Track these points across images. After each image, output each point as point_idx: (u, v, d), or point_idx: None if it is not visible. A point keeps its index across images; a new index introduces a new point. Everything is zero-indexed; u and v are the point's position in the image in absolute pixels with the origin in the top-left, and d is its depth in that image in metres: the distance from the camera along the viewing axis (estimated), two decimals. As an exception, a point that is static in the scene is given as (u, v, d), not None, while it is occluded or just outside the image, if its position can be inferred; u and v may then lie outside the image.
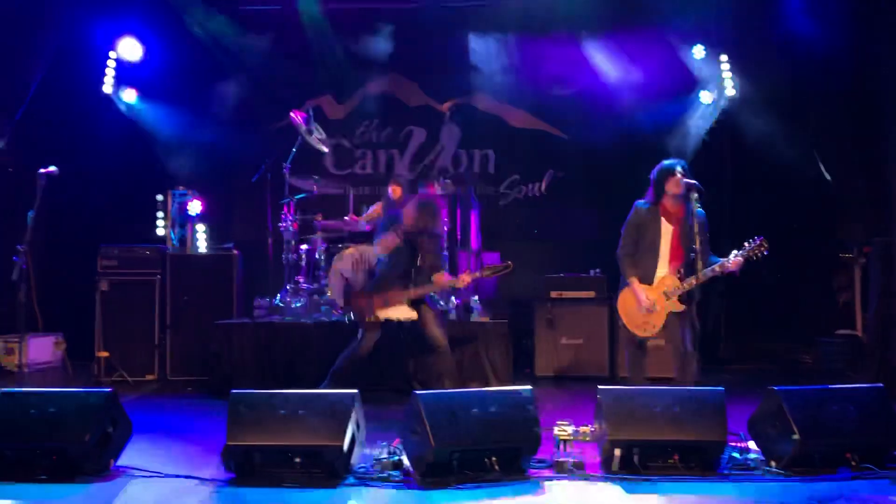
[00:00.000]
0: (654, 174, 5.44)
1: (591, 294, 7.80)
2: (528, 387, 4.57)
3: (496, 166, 9.62)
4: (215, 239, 8.53)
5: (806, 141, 7.06)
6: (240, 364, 7.09)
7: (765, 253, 5.12)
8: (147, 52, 8.76)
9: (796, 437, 4.34)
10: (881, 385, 4.77)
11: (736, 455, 4.62)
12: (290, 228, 7.64)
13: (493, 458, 4.31)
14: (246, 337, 7.16)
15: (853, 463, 4.36)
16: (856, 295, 8.50)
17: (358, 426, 4.53)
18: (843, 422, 4.44)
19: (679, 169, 5.30)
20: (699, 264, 5.13)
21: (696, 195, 5.22)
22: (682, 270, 5.26)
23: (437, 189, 7.83)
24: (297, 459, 4.28)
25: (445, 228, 7.69)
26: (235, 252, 7.98)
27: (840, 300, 8.84)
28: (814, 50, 6.76)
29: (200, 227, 8.51)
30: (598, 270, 7.98)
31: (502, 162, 9.60)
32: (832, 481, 4.23)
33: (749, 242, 5.15)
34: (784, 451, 4.41)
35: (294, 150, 7.74)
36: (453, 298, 7.51)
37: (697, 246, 5.12)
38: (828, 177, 6.81)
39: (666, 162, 5.44)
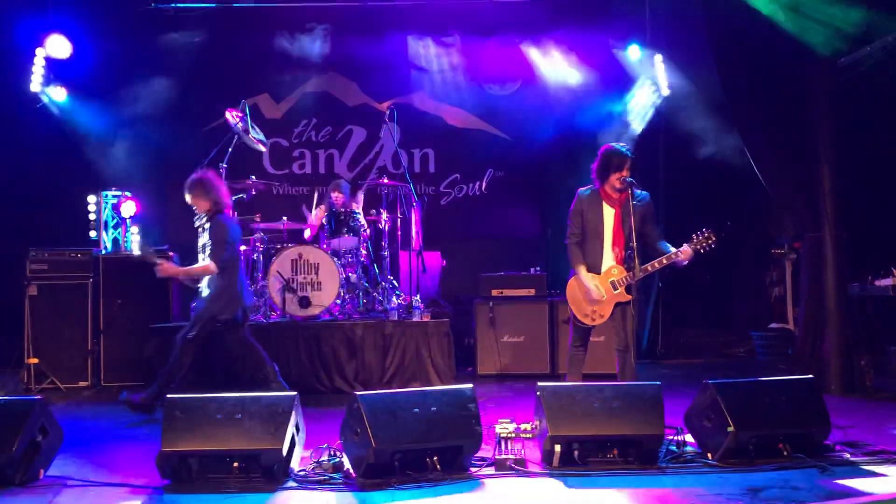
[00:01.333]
0: (601, 156, 5.35)
1: (532, 292, 7.84)
2: (470, 385, 4.56)
3: (436, 165, 9.62)
4: (150, 241, 8.32)
5: (738, 138, 7.20)
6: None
7: (712, 245, 5.20)
8: (77, 50, 8.49)
9: (731, 429, 4.44)
10: (812, 377, 4.90)
11: (674, 448, 4.70)
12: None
13: (435, 458, 4.30)
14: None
15: (785, 453, 4.49)
16: (787, 289, 8.75)
17: (297, 429, 4.47)
18: (776, 413, 4.57)
19: (629, 163, 5.25)
20: (635, 259, 5.17)
21: (634, 189, 5.28)
22: (627, 259, 5.28)
23: (379, 189, 7.80)
24: (235, 464, 4.20)
25: (386, 227, 7.66)
26: (171, 254, 7.77)
27: (772, 294, 9.10)
28: (745, 51, 6.90)
29: (134, 229, 8.31)
30: (538, 268, 8.04)
31: (442, 161, 9.61)
32: (766, 472, 4.33)
33: (697, 234, 5.22)
34: (720, 443, 4.51)
35: (230, 149, 7.59)
36: (395, 298, 7.48)
37: (633, 240, 5.17)
38: (758, 174, 6.97)
39: (614, 146, 5.37)
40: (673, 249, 5.25)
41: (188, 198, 6.01)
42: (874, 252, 7.31)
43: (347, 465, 4.41)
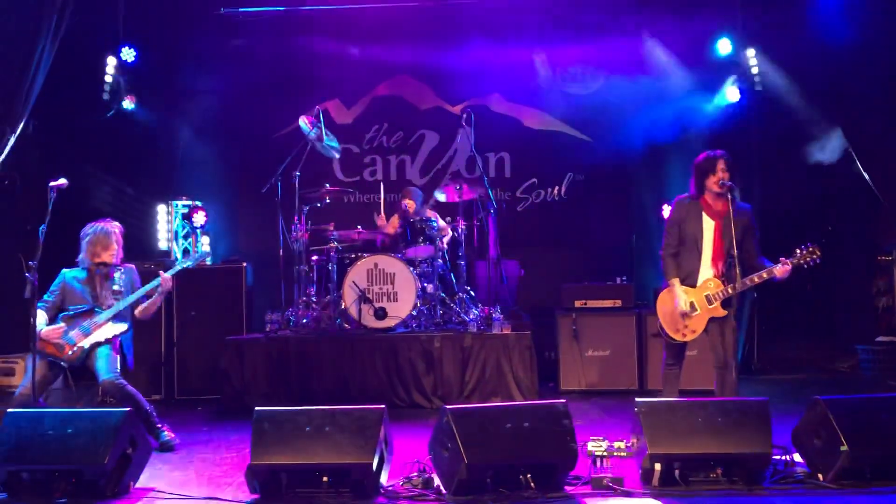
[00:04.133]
0: (694, 167, 5.44)
1: (617, 303, 7.84)
2: (563, 401, 4.63)
3: (512, 170, 9.70)
4: (222, 251, 8.62)
5: (842, 139, 7.10)
6: (252, 381, 7.17)
7: (817, 261, 5.17)
8: (146, 58, 8.87)
9: (844, 448, 4.39)
10: (931, 392, 4.83)
11: (781, 468, 4.67)
12: (301, 239, 7.72)
13: (529, 475, 4.37)
14: (257, 353, 7.23)
15: (904, 474, 4.42)
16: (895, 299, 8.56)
17: (386, 443, 4.60)
18: (893, 431, 4.49)
19: (721, 165, 5.30)
20: (737, 269, 5.18)
21: (732, 195, 5.28)
22: (726, 272, 5.29)
23: (454, 195, 7.92)
24: (325, 479, 4.34)
25: (462, 235, 7.77)
26: (244, 264, 8.05)
27: (879, 305, 8.90)
28: (848, 43, 6.81)
29: (205, 239, 8.62)
30: (623, 278, 8.04)
31: (518, 165, 9.68)
32: (884, 495, 4.28)
33: (800, 249, 5.19)
34: (831, 463, 4.46)
35: (303, 157, 7.83)
36: (474, 310, 7.58)
37: (735, 251, 5.18)
38: (866, 176, 6.86)
39: (708, 153, 5.42)
40: (771, 265, 5.23)
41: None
42: None
43: (437, 481, 4.52)
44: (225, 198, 9.22)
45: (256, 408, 4.51)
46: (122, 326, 5.79)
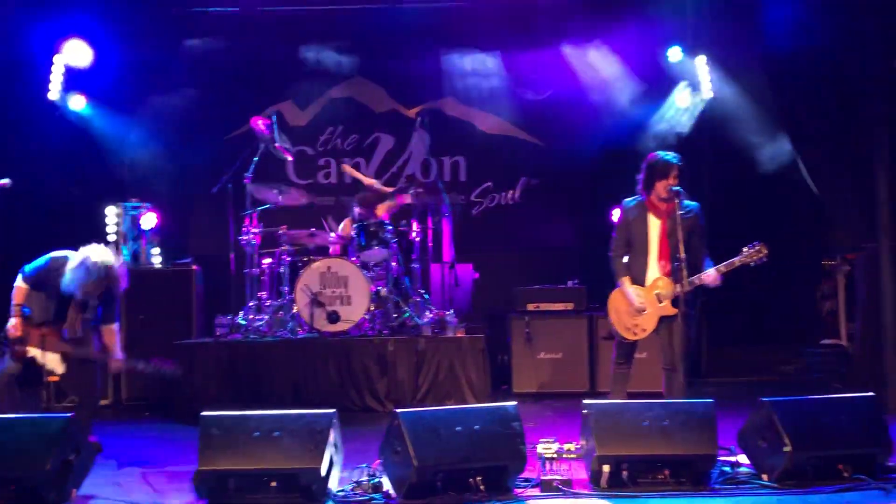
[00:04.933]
0: (646, 166, 5.47)
1: (570, 306, 7.91)
2: (514, 403, 4.65)
3: (467, 173, 9.73)
4: (171, 254, 8.50)
5: (788, 145, 7.26)
6: (202, 386, 7.09)
7: (763, 259, 5.26)
8: (97, 56, 8.71)
9: (788, 448, 4.48)
10: (874, 395, 4.94)
11: (727, 469, 4.75)
12: (253, 241, 7.65)
13: (479, 478, 4.38)
14: (208, 357, 7.16)
15: (845, 474, 4.52)
16: (840, 303, 8.75)
17: (336, 447, 4.58)
18: (835, 432, 4.60)
19: (675, 173, 5.36)
20: (683, 272, 5.25)
21: (681, 198, 5.37)
22: (673, 272, 5.35)
23: (407, 199, 7.92)
24: (274, 483, 4.31)
25: (417, 239, 7.78)
26: (194, 267, 7.96)
27: (824, 309, 9.10)
28: (796, 54, 6.98)
29: (155, 242, 8.48)
30: (576, 281, 8.11)
31: (473, 169, 9.71)
32: (825, 493, 4.38)
33: (747, 248, 5.29)
34: (776, 463, 4.55)
35: (256, 158, 7.76)
36: (427, 313, 7.58)
37: (682, 251, 5.25)
38: (811, 182, 7.02)
39: (662, 156, 5.47)
40: (714, 268, 5.31)
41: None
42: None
43: (387, 485, 4.51)
44: (175, 199, 9.08)
45: (203, 412, 4.46)
46: None
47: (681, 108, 8.93)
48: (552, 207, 9.46)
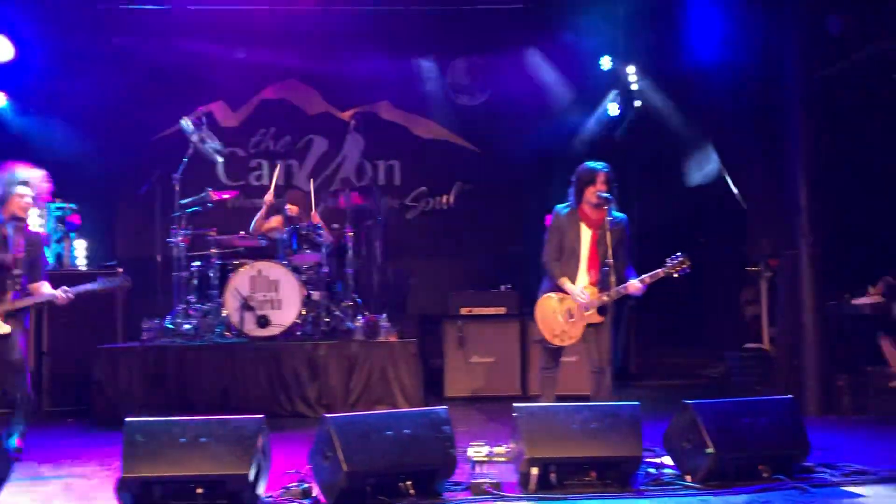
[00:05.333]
0: (575, 177, 5.60)
1: (502, 310, 7.98)
2: (444, 407, 4.67)
3: (402, 178, 9.74)
4: (97, 256, 8.30)
5: (714, 154, 7.47)
6: (126, 392, 6.93)
7: (686, 270, 5.39)
8: (18, 52, 8.45)
9: (710, 450, 4.59)
10: (792, 397, 5.11)
11: (652, 470, 4.86)
12: (181, 244, 7.52)
13: (409, 482, 4.39)
14: (133, 362, 7.00)
15: (765, 474, 4.66)
16: (763, 308, 9.02)
17: (264, 453, 4.52)
18: (756, 434, 4.73)
19: (601, 178, 5.48)
20: (613, 277, 5.36)
21: (608, 207, 5.47)
22: (601, 280, 5.46)
23: (342, 201, 7.89)
24: (200, 490, 4.23)
25: (350, 243, 7.74)
26: (120, 270, 7.76)
27: (747, 314, 9.37)
28: (722, 66, 7.20)
29: (80, 244, 8.27)
30: (509, 286, 8.18)
31: (408, 173, 9.73)
32: (745, 493, 4.50)
33: (671, 259, 5.42)
34: (699, 464, 4.66)
35: (185, 159, 7.64)
36: (360, 317, 7.56)
37: (610, 259, 5.36)
38: (735, 191, 7.23)
39: (588, 164, 5.60)
40: (636, 278, 5.42)
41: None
42: (851, 270, 7.62)
43: (317, 491, 4.48)
44: (102, 200, 8.90)
45: (127, 418, 4.37)
46: None
47: (612, 116, 9.09)
48: (486, 212, 9.54)
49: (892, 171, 8.01)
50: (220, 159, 8.10)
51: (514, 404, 4.79)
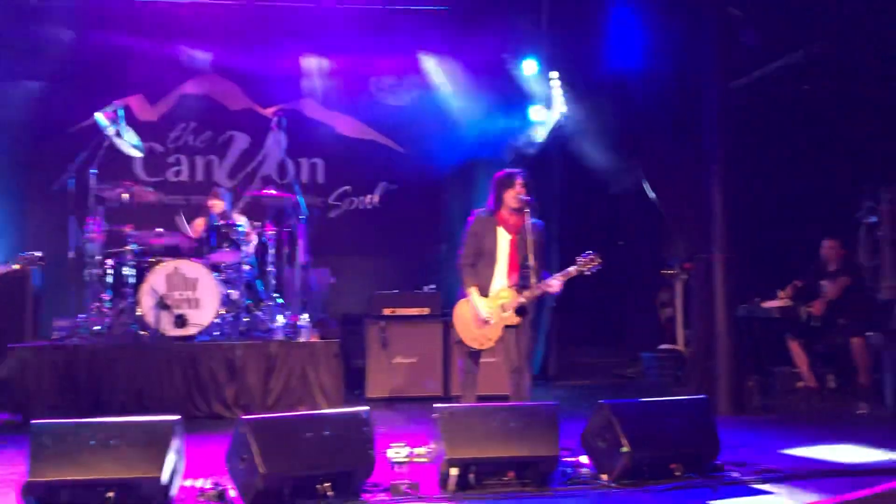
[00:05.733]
0: (493, 182, 5.66)
1: (426, 311, 7.98)
2: (366, 408, 4.65)
3: (325, 176, 9.65)
4: (7, 250, 7.99)
5: (633, 161, 7.64)
6: (36, 392, 6.67)
7: (597, 267, 5.49)
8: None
9: (626, 449, 4.69)
10: (706, 397, 5.26)
11: (569, 470, 4.93)
12: (96, 241, 7.29)
13: (327, 484, 4.35)
14: (43, 361, 6.74)
15: (677, 473, 4.78)
16: (677, 311, 9.28)
17: (179, 455, 4.43)
18: (669, 433, 4.87)
19: (519, 181, 5.55)
20: (533, 278, 5.42)
21: (528, 210, 5.53)
22: (520, 283, 5.51)
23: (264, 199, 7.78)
24: (110, 494, 4.12)
25: (271, 241, 7.64)
26: (29, 267, 7.49)
27: (663, 316, 9.62)
28: (642, 75, 7.37)
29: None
30: (432, 286, 8.20)
31: (332, 172, 9.65)
32: (657, 492, 4.61)
33: (582, 257, 5.51)
34: (614, 463, 4.76)
35: (100, 153, 7.41)
36: (280, 317, 7.46)
37: (531, 261, 5.42)
38: (653, 197, 7.41)
39: (508, 170, 5.69)
40: (549, 279, 5.51)
41: None
42: (762, 274, 7.89)
43: (233, 493, 4.41)
44: (11, 194, 8.57)
45: (33, 420, 4.22)
46: None
47: (535, 122, 9.19)
48: (410, 213, 9.53)
49: (801, 179, 8.36)
50: (137, 154, 7.87)
51: (435, 405, 4.80)
